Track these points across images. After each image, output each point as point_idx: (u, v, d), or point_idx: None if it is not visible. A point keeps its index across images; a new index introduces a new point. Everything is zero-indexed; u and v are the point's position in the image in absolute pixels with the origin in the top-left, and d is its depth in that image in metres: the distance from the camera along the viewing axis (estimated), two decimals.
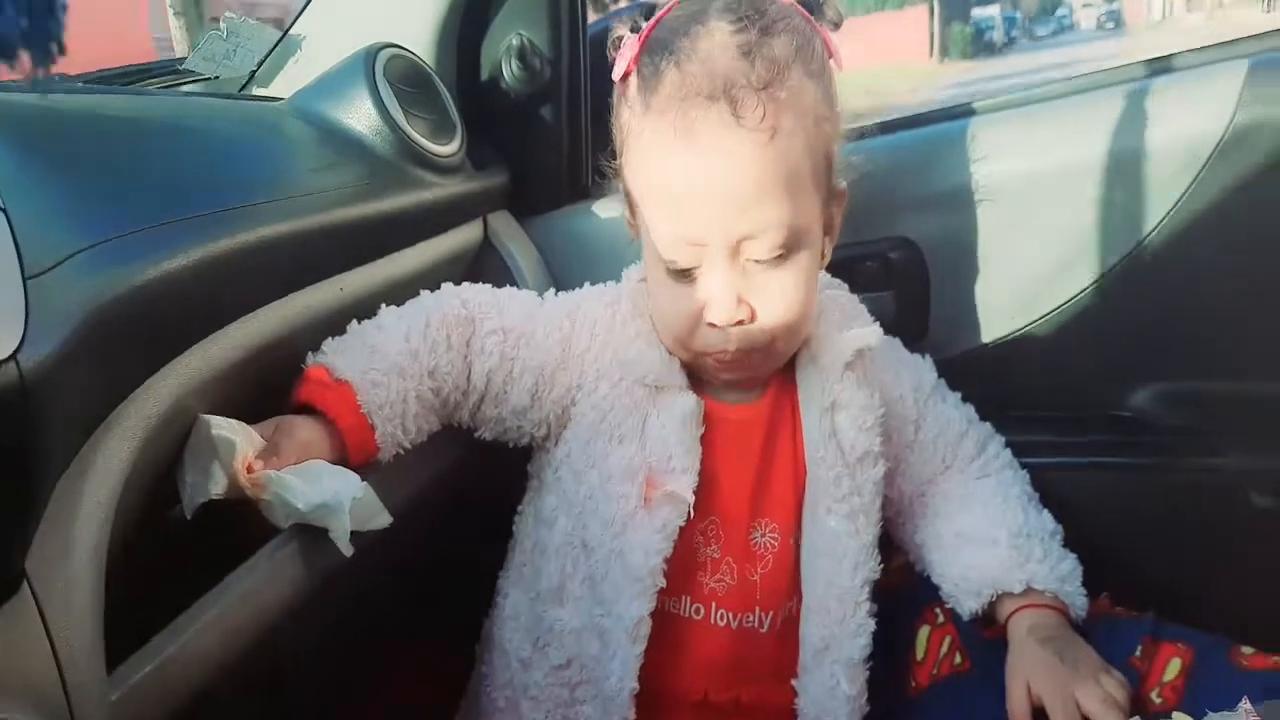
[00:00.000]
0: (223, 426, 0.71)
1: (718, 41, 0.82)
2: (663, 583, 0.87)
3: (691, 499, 0.87)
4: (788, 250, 0.84)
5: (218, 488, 0.70)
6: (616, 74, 0.90)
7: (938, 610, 0.97)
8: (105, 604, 0.55)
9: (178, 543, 0.71)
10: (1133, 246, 1.06)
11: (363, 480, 0.76)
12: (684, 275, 0.85)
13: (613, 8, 1.33)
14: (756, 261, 0.84)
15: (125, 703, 0.55)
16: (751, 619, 0.92)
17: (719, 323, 0.84)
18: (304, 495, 0.72)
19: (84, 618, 0.52)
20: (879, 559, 0.93)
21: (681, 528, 0.88)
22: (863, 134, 1.15)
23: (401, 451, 0.87)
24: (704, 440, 0.90)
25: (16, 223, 0.52)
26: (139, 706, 0.57)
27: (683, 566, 0.90)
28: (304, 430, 0.80)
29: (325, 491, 0.72)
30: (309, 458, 0.77)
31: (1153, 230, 1.05)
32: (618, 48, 0.90)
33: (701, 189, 0.82)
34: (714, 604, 0.91)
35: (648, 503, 0.87)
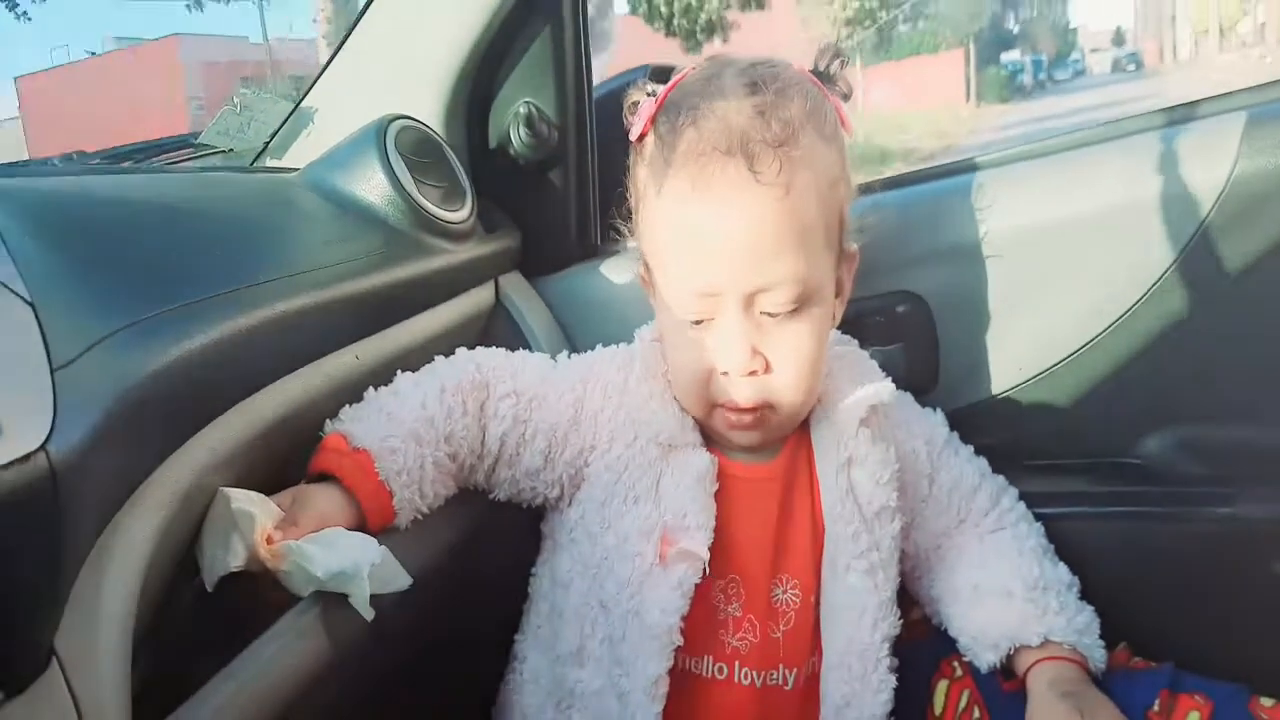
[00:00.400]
0: (241, 500, 0.73)
1: (733, 103, 0.85)
2: (680, 641, 0.88)
3: (706, 556, 0.88)
4: (800, 305, 0.86)
5: (237, 560, 0.71)
6: (634, 135, 0.93)
7: (955, 664, 0.97)
8: (131, 677, 0.56)
9: (201, 613, 0.71)
10: (1140, 295, 1.07)
11: (380, 545, 0.77)
12: (700, 326, 0.87)
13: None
14: (770, 315, 0.86)
15: None
16: (776, 676, 0.92)
17: (732, 371, 0.86)
18: (323, 563, 0.73)
19: (111, 691, 0.53)
20: (898, 614, 0.94)
21: (698, 585, 0.88)
22: (868, 189, 1.17)
23: (419, 517, 0.88)
24: (721, 498, 0.91)
25: (42, 314, 0.54)
26: None
27: (703, 626, 0.90)
28: (321, 500, 0.82)
29: (344, 559, 0.73)
30: (326, 526, 0.78)
31: (1159, 279, 1.06)
32: (634, 111, 0.93)
33: (718, 241, 0.84)
34: (738, 663, 0.91)
35: (663, 560, 0.88)
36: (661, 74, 0.97)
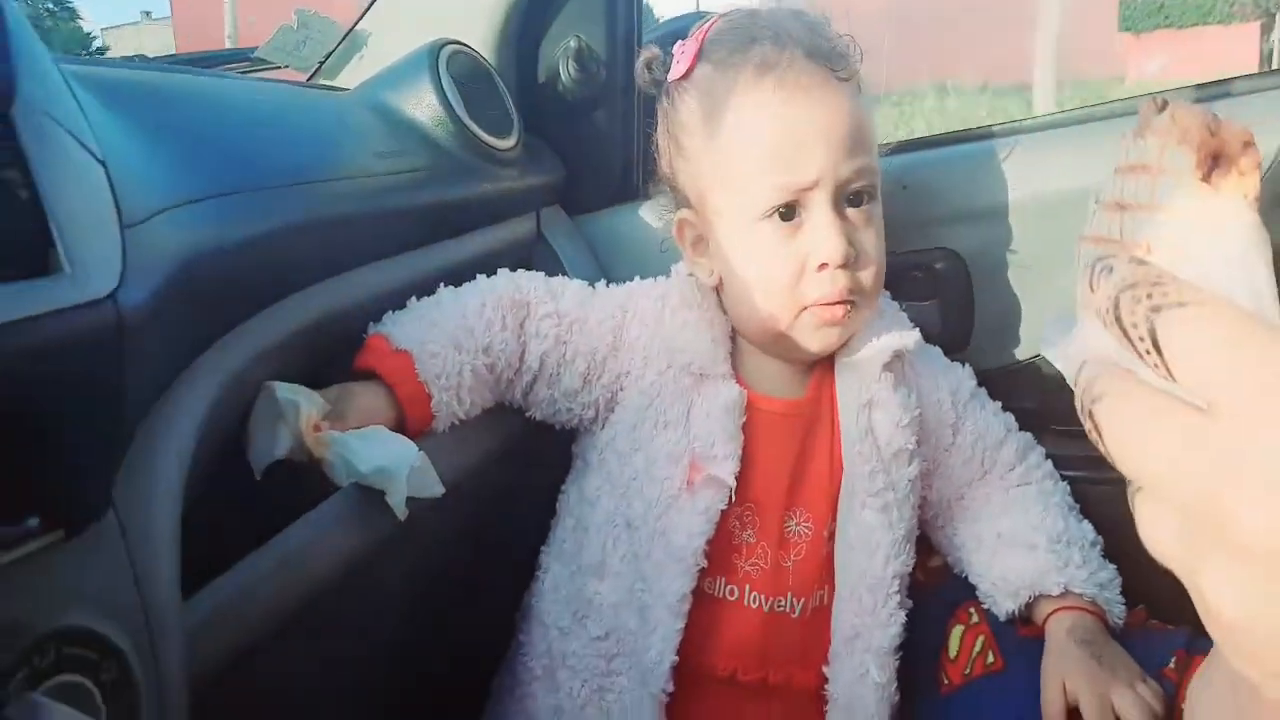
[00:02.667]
0: (287, 390, 0.74)
1: (789, 23, 0.92)
2: (704, 563, 0.91)
3: (733, 484, 0.90)
4: (873, 201, 0.92)
5: (283, 448, 0.73)
6: (676, 73, 0.95)
7: (972, 610, 0.98)
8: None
9: (246, 495, 0.73)
10: None
11: (419, 450, 0.78)
12: (786, 225, 0.89)
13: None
14: (853, 207, 0.91)
15: (198, 630, 0.58)
16: (783, 604, 0.94)
17: (833, 261, 0.88)
18: (365, 457, 0.74)
19: (163, 547, 0.55)
20: (912, 554, 0.96)
21: (723, 511, 0.91)
22: (912, 146, 1.17)
23: (456, 423, 0.90)
24: (745, 429, 0.93)
25: (113, 174, 0.55)
26: (210, 636, 0.60)
27: (720, 548, 0.92)
28: (366, 397, 0.84)
29: (386, 455, 0.75)
30: (371, 423, 0.80)
31: None
32: (652, 66, 0.99)
33: (811, 130, 0.89)
34: (748, 586, 0.94)
35: (690, 486, 0.91)
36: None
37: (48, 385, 0.47)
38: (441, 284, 0.96)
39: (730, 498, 0.90)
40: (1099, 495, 1.05)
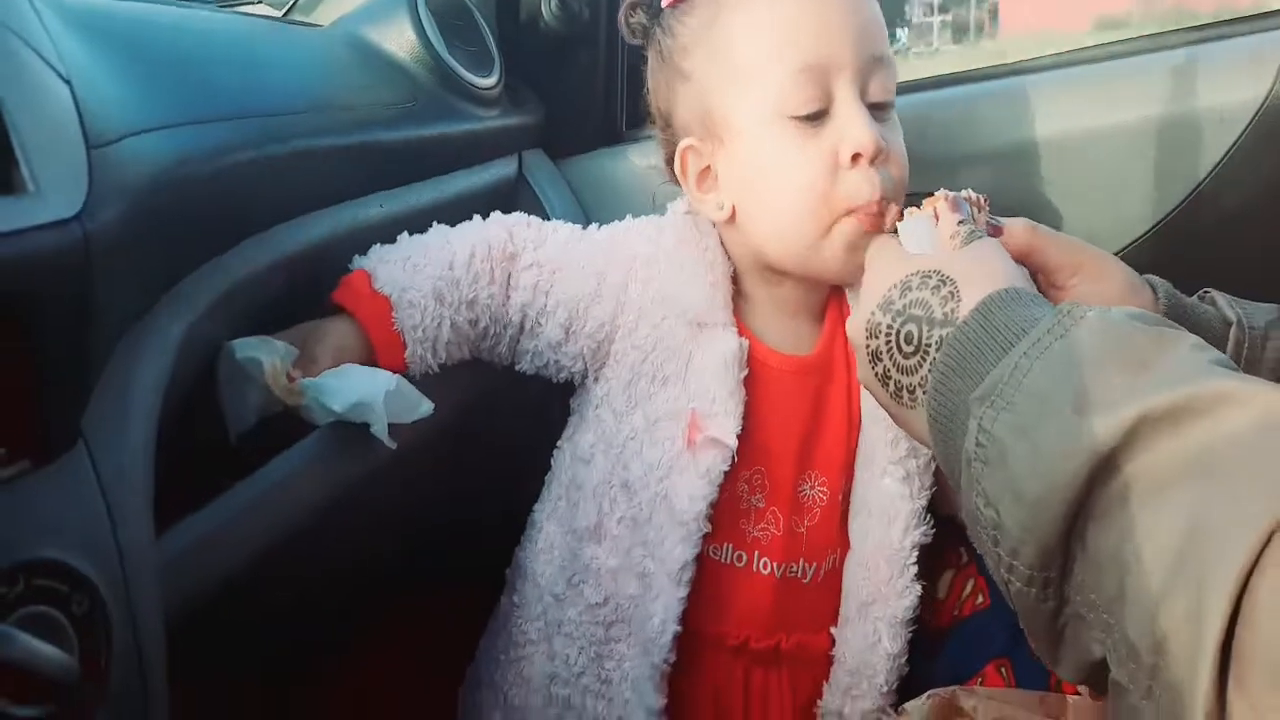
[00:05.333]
0: (247, 347, 0.72)
1: None
2: (707, 528, 0.87)
3: (734, 444, 0.86)
4: (893, 99, 0.88)
5: (254, 411, 0.71)
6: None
7: (961, 550, 0.98)
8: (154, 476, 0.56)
9: (219, 429, 0.72)
10: (1170, 209, 1.06)
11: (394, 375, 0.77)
12: (810, 126, 0.84)
13: None
14: (875, 106, 0.85)
15: (174, 566, 0.56)
16: (796, 569, 0.92)
17: (866, 149, 0.82)
18: (339, 396, 0.73)
19: (136, 481, 0.53)
20: (931, 523, 0.92)
21: (726, 473, 0.87)
22: (915, 87, 1.15)
23: (431, 372, 0.88)
24: (751, 387, 0.89)
25: (79, 94, 0.53)
26: (184, 574, 0.58)
27: (726, 513, 0.89)
28: (337, 334, 0.82)
29: (359, 390, 0.73)
30: (343, 361, 0.79)
31: (1190, 194, 1.05)
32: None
33: (832, 13, 0.85)
34: (757, 552, 0.91)
35: (691, 446, 0.87)
36: None
37: (10, 307, 0.45)
38: (434, 222, 0.94)
39: (733, 459, 0.87)
40: None
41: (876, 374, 0.70)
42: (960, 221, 0.74)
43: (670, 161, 0.94)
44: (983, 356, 0.61)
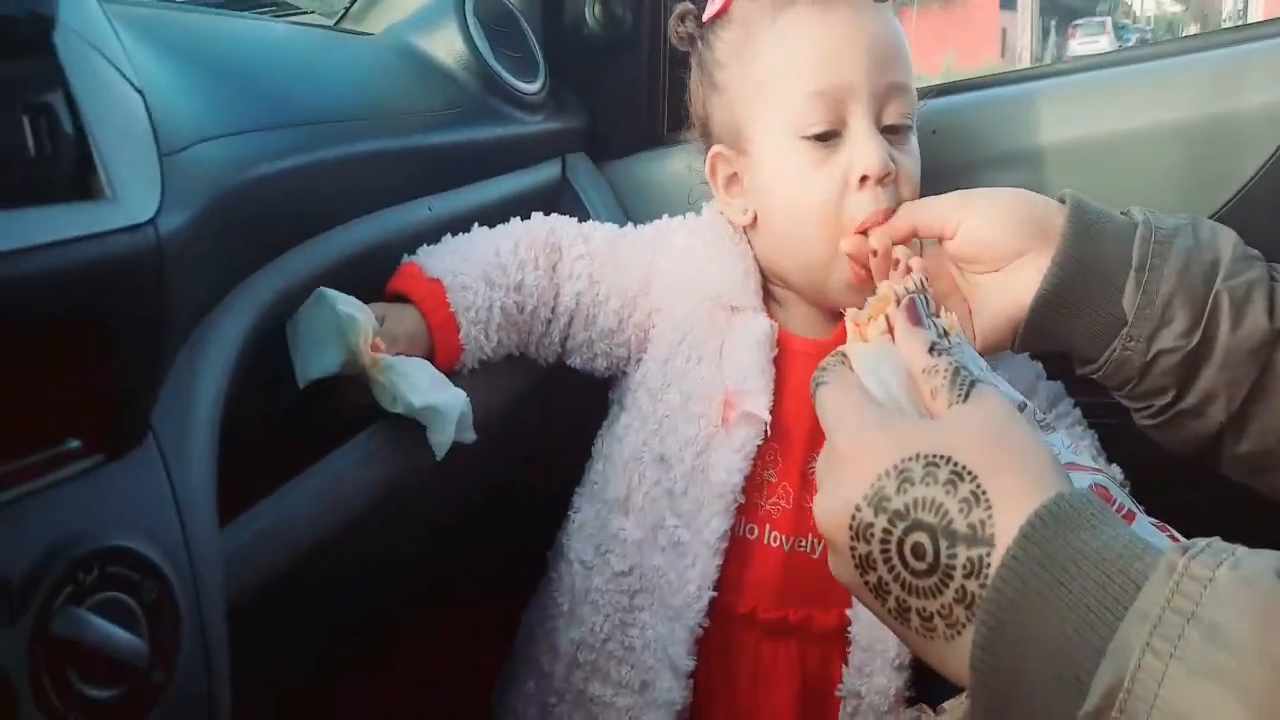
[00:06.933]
0: (346, 303, 0.74)
1: None
2: (742, 499, 0.91)
3: (768, 418, 0.90)
4: (910, 123, 0.91)
5: (337, 362, 0.72)
6: (710, 12, 0.95)
7: None
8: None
9: (279, 420, 0.74)
10: (1216, 210, 1.05)
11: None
12: (824, 147, 0.88)
13: None
14: (889, 130, 0.89)
15: (235, 557, 0.59)
16: (804, 544, 0.94)
17: (874, 171, 0.86)
18: (420, 390, 0.74)
19: (201, 471, 0.56)
20: None
21: (759, 446, 0.91)
22: (946, 90, 1.16)
23: (482, 360, 0.91)
24: (775, 366, 0.93)
25: (151, 103, 0.56)
26: (247, 562, 0.61)
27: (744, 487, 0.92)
28: (411, 320, 0.85)
29: (439, 395, 0.75)
30: (416, 349, 0.83)
31: (1234, 197, 1.05)
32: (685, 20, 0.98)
33: (851, 41, 0.89)
34: (768, 525, 0.94)
35: (725, 423, 0.91)
36: None
37: (89, 308, 0.48)
38: (475, 224, 0.96)
39: (766, 432, 0.90)
40: (1127, 441, 1.04)
41: (868, 584, 0.54)
42: (933, 347, 0.59)
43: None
44: (1059, 623, 0.46)
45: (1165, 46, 1.15)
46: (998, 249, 0.81)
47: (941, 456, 0.52)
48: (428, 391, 0.75)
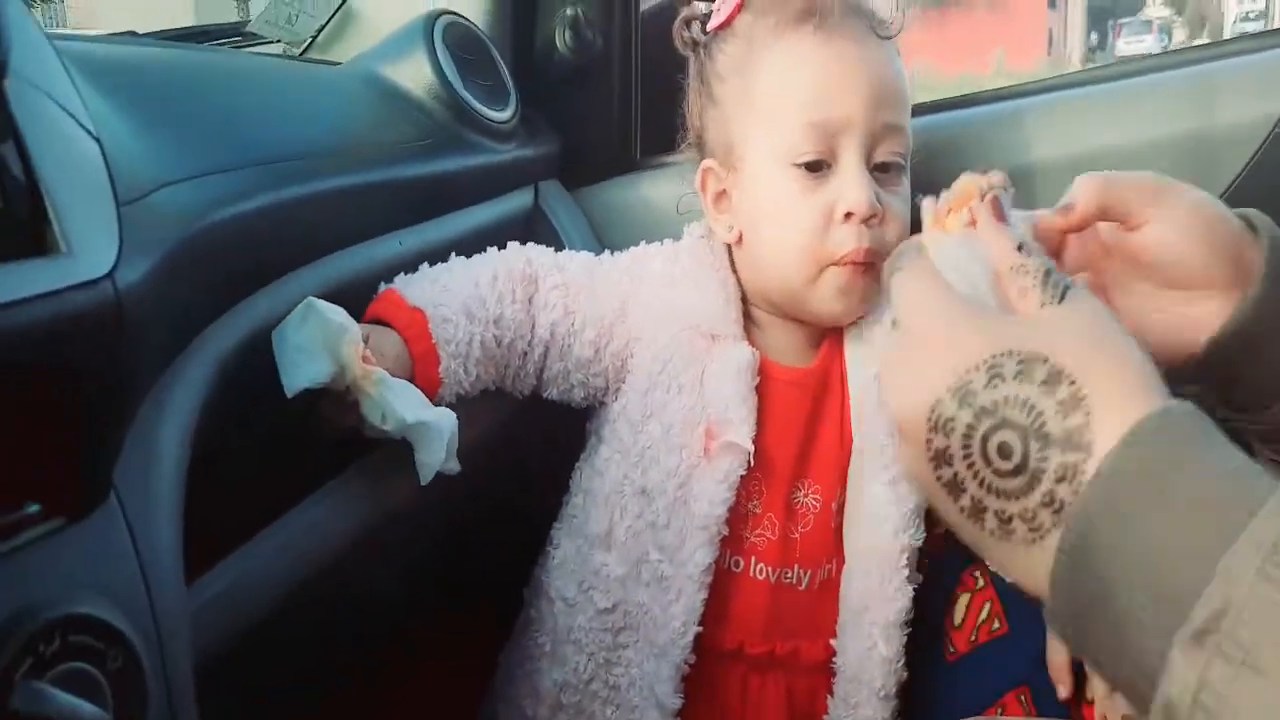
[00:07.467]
0: (337, 313, 0.71)
1: None
2: (725, 531, 0.90)
3: (751, 449, 0.89)
4: (901, 173, 0.92)
5: (324, 374, 0.70)
6: (715, 22, 0.95)
7: (977, 574, 0.98)
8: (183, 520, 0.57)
9: (247, 468, 0.72)
10: None
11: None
12: (813, 177, 0.89)
13: None
14: (881, 169, 0.90)
15: (203, 614, 0.57)
16: (790, 575, 0.94)
17: (859, 209, 0.87)
18: (410, 407, 0.72)
19: (166, 529, 0.54)
20: (921, 528, 0.94)
21: (742, 477, 0.90)
22: (930, 109, 1.16)
23: (459, 394, 0.89)
24: (757, 394, 0.92)
25: (109, 151, 0.54)
26: (216, 619, 0.59)
27: (728, 519, 0.91)
28: (394, 345, 0.83)
29: (430, 413, 0.73)
30: (400, 370, 0.81)
31: None
32: (688, 25, 0.98)
33: (848, 72, 0.89)
34: (753, 558, 0.93)
35: (708, 453, 0.90)
36: None
37: (45, 366, 0.46)
38: (452, 254, 0.95)
39: (749, 462, 0.90)
40: None
41: (942, 480, 0.51)
42: (1020, 246, 0.56)
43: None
44: (1158, 537, 0.43)
45: (1138, 64, 1.15)
46: (1183, 269, 0.69)
47: (1038, 355, 0.49)
48: (420, 409, 0.73)
